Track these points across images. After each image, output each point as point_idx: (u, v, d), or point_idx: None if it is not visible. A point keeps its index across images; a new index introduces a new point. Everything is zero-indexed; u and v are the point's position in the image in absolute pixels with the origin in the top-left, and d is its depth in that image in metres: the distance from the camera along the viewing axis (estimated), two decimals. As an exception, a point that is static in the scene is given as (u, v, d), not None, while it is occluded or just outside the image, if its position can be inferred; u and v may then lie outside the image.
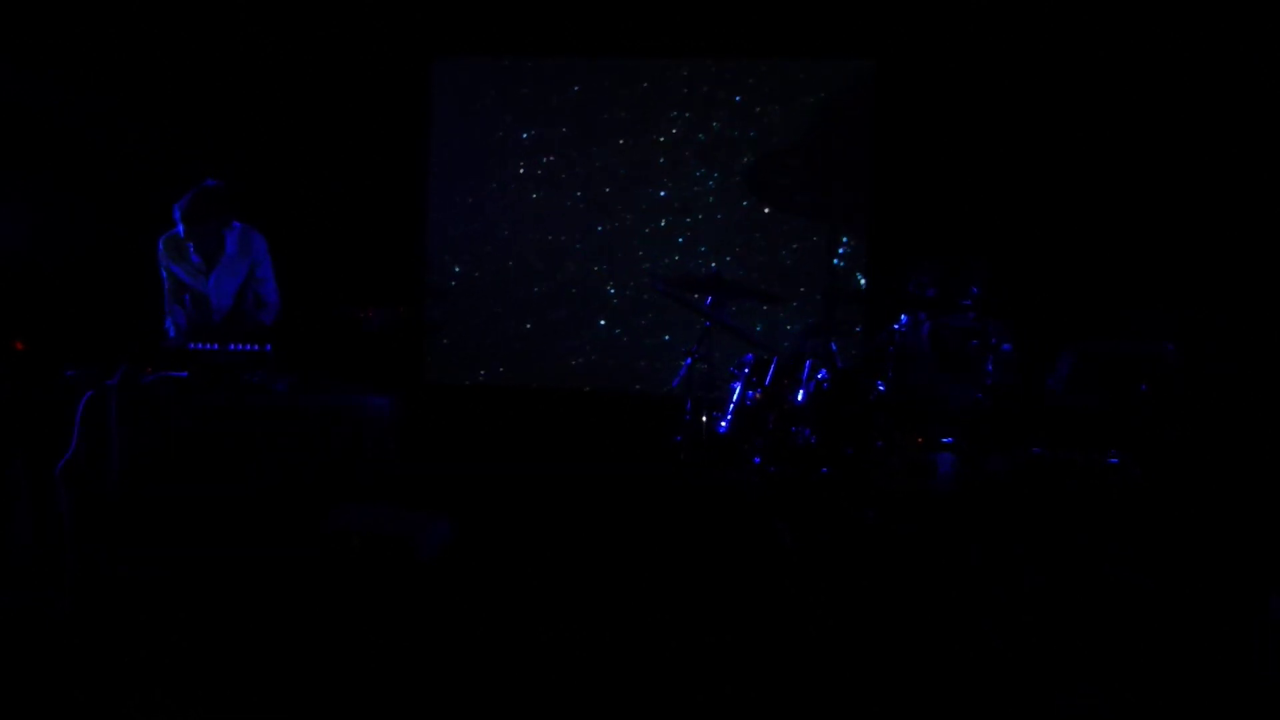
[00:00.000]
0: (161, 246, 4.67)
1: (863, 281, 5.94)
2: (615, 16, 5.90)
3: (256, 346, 3.96)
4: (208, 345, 3.98)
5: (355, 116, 6.02)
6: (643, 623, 3.50)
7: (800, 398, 4.47)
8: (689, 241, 6.07)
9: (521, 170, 6.16)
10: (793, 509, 4.22)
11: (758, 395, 4.53)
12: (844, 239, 5.98)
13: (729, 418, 4.54)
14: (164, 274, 4.69)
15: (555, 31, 5.97)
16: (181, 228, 4.47)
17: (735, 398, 4.58)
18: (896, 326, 4.59)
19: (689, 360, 4.77)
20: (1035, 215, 5.47)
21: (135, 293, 4.94)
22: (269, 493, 3.79)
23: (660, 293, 5.15)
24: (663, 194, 6.07)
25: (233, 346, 3.96)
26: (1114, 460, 4.02)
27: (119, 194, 5.69)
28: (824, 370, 4.51)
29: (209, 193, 4.44)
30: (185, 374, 3.92)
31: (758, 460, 4.37)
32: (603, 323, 6.15)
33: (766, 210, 6.02)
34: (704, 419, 4.62)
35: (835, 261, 5.98)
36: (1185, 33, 5.28)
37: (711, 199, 6.04)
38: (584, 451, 5.73)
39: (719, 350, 5.01)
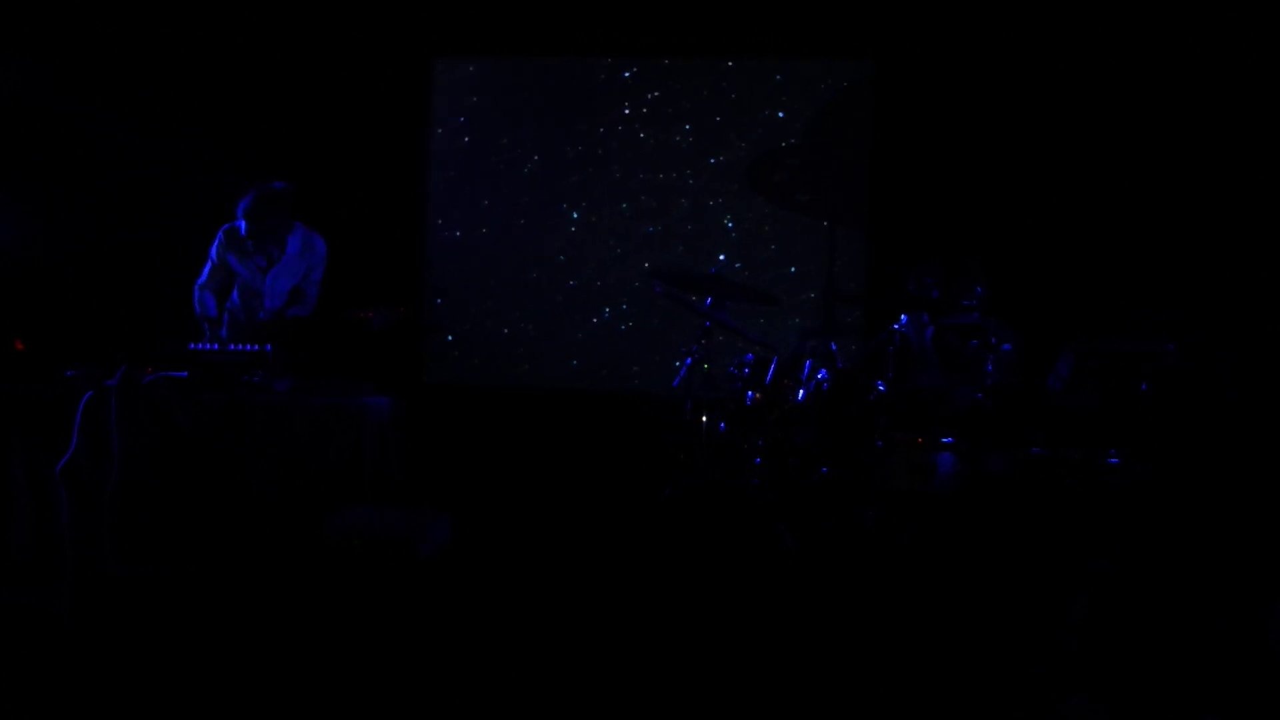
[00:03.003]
0: (221, 234, 4.67)
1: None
2: (614, 16, 5.90)
3: (256, 346, 3.95)
4: (208, 345, 3.97)
5: (355, 116, 6.02)
6: (642, 622, 3.51)
7: (800, 398, 4.47)
8: (699, 248, 6.08)
9: (518, 171, 6.16)
10: (793, 509, 4.21)
11: (758, 395, 4.53)
12: (843, 238, 5.98)
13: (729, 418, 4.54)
14: (214, 259, 4.68)
15: (554, 31, 5.97)
16: (243, 224, 4.49)
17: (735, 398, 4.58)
18: (896, 326, 4.59)
19: (689, 360, 4.77)
20: (1035, 215, 5.47)
21: (135, 293, 4.94)
22: (269, 493, 3.78)
23: (659, 294, 5.14)
24: (648, 203, 6.08)
25: (233, 346, 3.95)
26: (1114, 460, 4.02)
27: (119, 194, 5.69)
28: (824, 370, 4.51)
29: (273, 194, 4.45)
30: (185, 374, 3.92)
31: (758, 460, 4.37)
32: (602, 323, 6.15)
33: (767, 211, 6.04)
34: (704, 419, 4.62)
35: (834, 261, 5.97)
36: (1185, 33, 5.28)
37: (693, 197, 6.05)
38: (584, 451, 5.73)
39: (719, 350, 5.00)
